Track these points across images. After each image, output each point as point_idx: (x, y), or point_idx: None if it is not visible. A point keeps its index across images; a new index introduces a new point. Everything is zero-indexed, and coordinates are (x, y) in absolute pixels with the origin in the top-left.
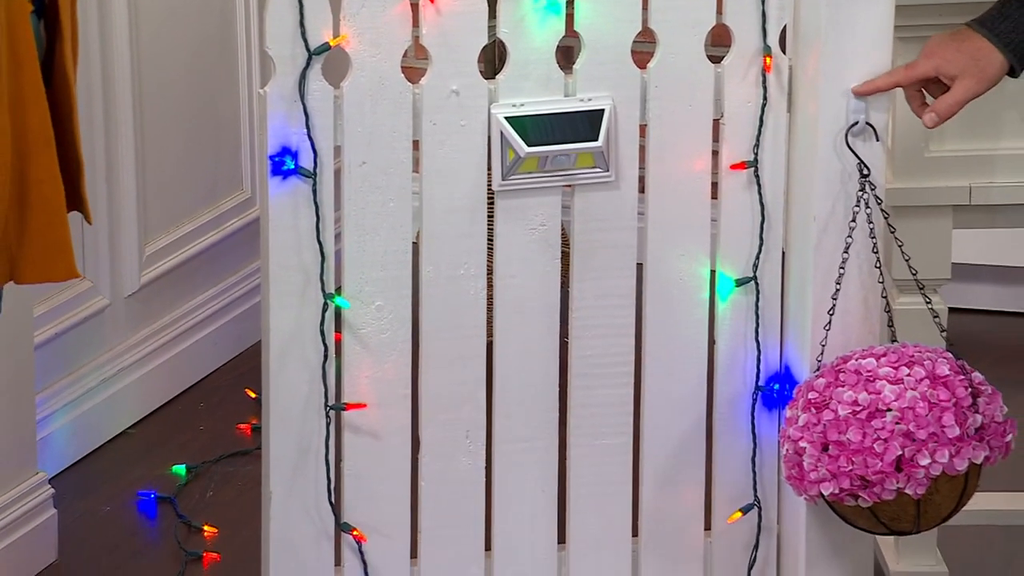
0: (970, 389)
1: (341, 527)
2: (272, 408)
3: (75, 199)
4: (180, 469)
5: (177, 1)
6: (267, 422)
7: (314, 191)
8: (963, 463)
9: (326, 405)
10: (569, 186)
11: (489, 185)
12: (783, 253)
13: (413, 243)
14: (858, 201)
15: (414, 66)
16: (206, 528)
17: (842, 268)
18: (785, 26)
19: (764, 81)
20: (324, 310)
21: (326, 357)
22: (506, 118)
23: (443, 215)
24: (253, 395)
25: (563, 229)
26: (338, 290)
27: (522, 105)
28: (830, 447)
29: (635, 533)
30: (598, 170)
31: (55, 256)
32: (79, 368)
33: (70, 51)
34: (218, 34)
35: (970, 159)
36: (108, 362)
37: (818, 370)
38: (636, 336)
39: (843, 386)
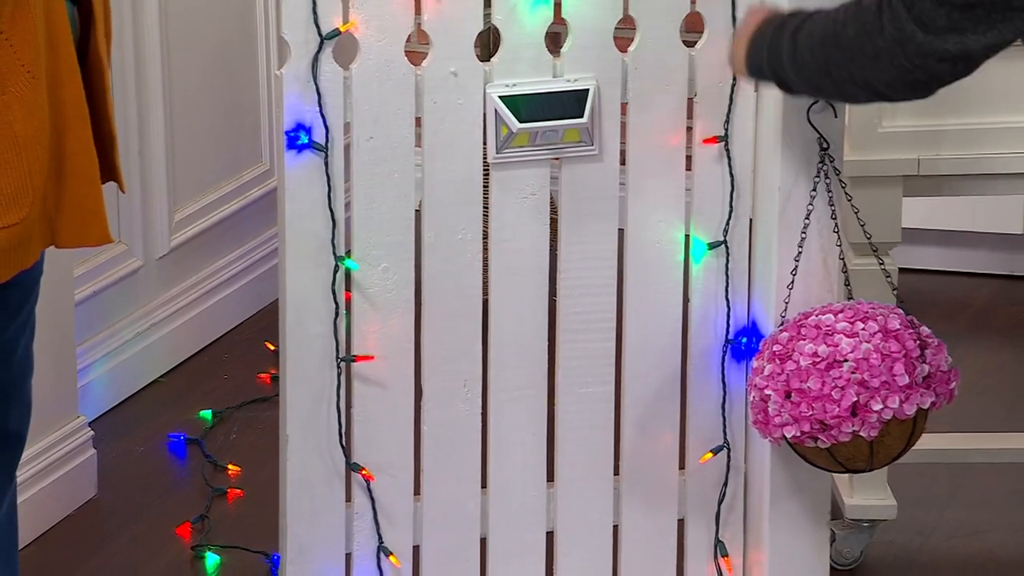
0: (918, 341)
1: (351, 467)
2: (289, 359)
3: (109, 170)
4: (206, 414)
5: None
6: (284, 372)
7: (326, 163)
8: (912, 408)
9: (337, 357)
10: (557, 159)
11: (485, 158)
12: (751, 220)
13: (416, 211)
14: (818, 172)
15: (416, 50)
16: (230, 467)
17: (804, 233)
18: None
19: None
20: (335, 271)
21: (337, 314)
22: (500, 97)
23: (443, 185)
24: (272, 348)
25: (552, 198)
26: (348, 253)
27: (514, 85)
28: (792, 394)
29: (616, 472)
30: (583, 144)
31: (90, 222)
32: (115, 323)
33: (103, 33)
34: (239, 21)
35: (919, 134)
36: (141, 317)
37: (782, 325)
38: (618, 295)
39: (804, 339)
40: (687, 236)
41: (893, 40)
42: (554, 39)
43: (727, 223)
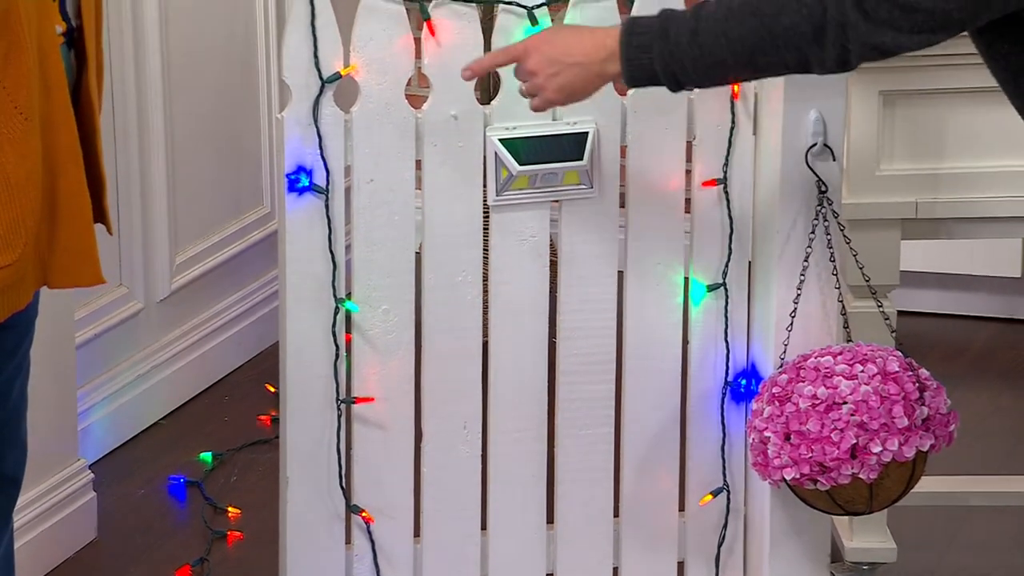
0: (917, 384)
1: (351, 509)
2: (289, 401)
3: (99, 212)
4: (207, 456)
5: (204, 34)
6: (285, 414)
7: (327, 206)
8: (911, 451)
9: (337, 399)
10: (557, 201)
11: (485, 200)
12: (750, 262)
13: (416, 253)
14: (817, 215)
15: (417, 93)
16: (230, 509)
17: (803, 275)
18: None
19: (732, 107)
20: (335, 313)
21: (337, 356)
22: (500, 140)
23: (443, 228)
24: (272, 390)
25: (552, 240)
26: (348, 295)
27: (514, 128)
28: (792, 436)
29: (616, 514)
30: (583, 187)
31: (83, 263)
32: (116, 365)
33: (95, 79)
34: (240, 64)
35: (916, 177)
36: (142, 360)
37: (781, 367)
38: (617, 337)
39: (803, 381)
40: (686, 278)
41: (836, 24)
42: None
43: (726, 265)
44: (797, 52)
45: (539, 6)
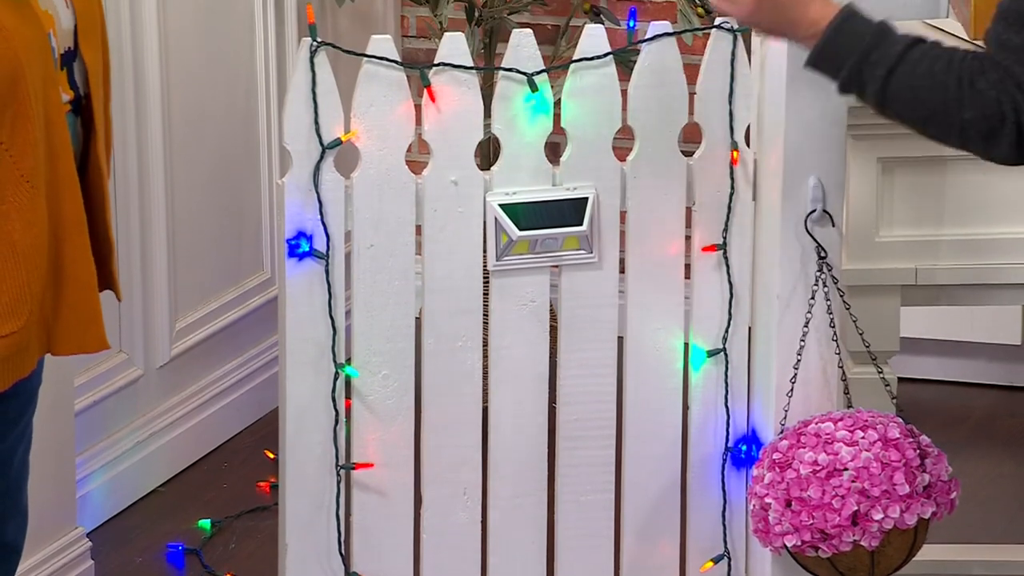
0: (918, 451)
1: None
2: (288, 468)
3: (107, 278)
4: (205, 524)
5: (206, 100)
6: (284, 480)
7: (327, 271)
8: (913, 518)
9: (337, 465)
10: (557, 266)
11: (485, 265)
12: (750, 328)
13: (416, 318)
14: (816, 281)
15: (417, 159)
16: None
17: (803, 341)
18: (749, 124)
19: (732, 173)
20: (335, 379)
21: (337, 421)
22: (500, 205)
23: (443, 293)
24: (271, 456)
25: (551, 305)
26: (348, 360)
27: (514, 193)
28: (793, 503)
29: None
30: (583, 252)
31: (87, 329)
32: (115, 432)
33: (103, 146)
34: (241, 130)
35: (916, 244)
36: (141, 427)
37: (782, 433)
38: (617, 402)
39: (804, 447)
40: (686, 344)
41: (1013, 123)
42: (553, 148)
43: (726, 331)
44: (965, 141)
45: (538, 73)
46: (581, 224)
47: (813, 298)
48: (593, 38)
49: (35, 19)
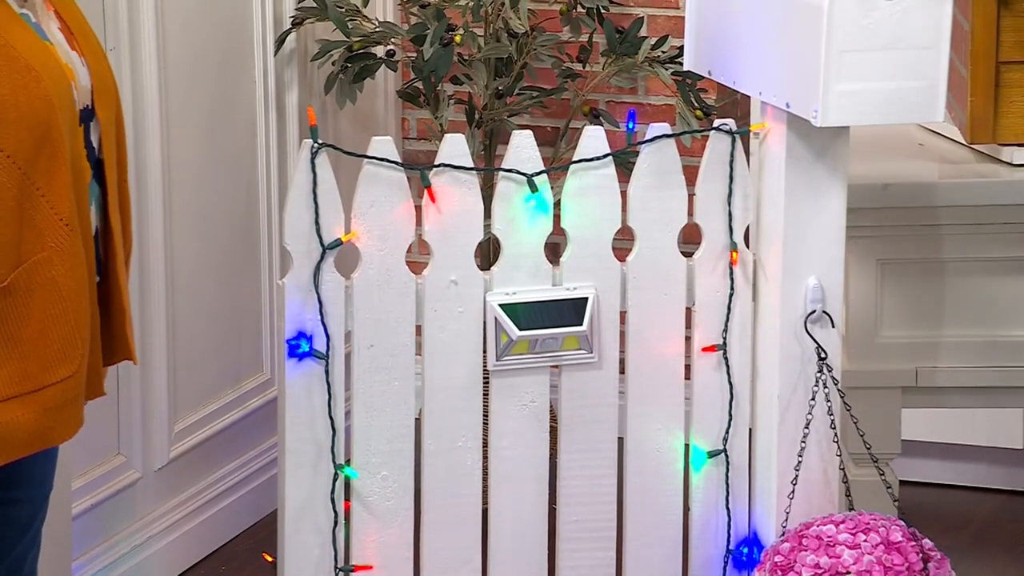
0: (921, 555)
1: None
2: (287, 570)
3: (124, 347)
4: None
5: (206, 200)
6: None
7: (326, 372)
8: None
9: (335, 567)
10: (556, 366)
11: (485, 365)
12: (750, 428)
13: (416, 419)
14: (816, 382)
15: (417, 259)
16: None
17: (803, 442)
18: (749, 225)
19: (731, 273)
20: (335, 480)
21: (336, 523)
22: (500, 305)
23: (443, 393)
24: (270, 559)
25: (551, 405)
26: (347, 461)
27: (514, 293)
28: None
29: None
30: (583, 352)
31: (122, 345)
32: (112, 536)
33: (117, 212)
34: (242, 231)
35: (916, 345)
36: (139, 530)
37: (783, 535)
38: (618, 503)
39: (806, 550)
40: (687, 445)
41: None
42: (553, 249)
43: (727, 432)
44: None
45: (538, 173)
46: (581, 324)
47: (813, 399)
48: (593, 139)
49: (59, 69)
